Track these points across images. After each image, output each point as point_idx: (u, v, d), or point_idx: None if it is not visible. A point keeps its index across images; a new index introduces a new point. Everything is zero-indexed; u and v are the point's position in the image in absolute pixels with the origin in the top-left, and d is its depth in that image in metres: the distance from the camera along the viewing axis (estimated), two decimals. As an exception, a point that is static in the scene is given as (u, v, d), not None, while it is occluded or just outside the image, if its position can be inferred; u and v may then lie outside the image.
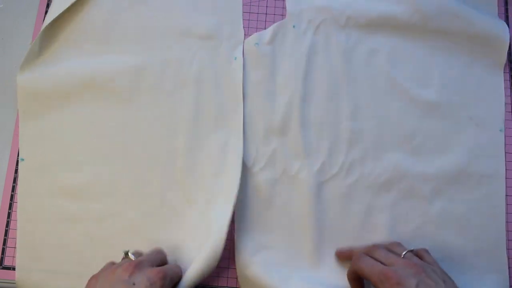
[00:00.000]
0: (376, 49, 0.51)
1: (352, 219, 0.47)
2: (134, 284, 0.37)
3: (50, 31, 0.51)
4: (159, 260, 0.43)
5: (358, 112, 0.50)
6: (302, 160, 0.48)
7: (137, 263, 0.39)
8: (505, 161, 0.49)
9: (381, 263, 0.41)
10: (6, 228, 0.48)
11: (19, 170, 0.49)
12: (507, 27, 0.52)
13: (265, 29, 0.54)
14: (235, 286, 0.46)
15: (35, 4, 0.54)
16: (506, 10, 0.55)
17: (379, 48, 0.51)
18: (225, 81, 0.50)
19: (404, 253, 0.42)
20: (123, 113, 0.50)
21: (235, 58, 0.51)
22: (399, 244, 0.44)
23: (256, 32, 0.53)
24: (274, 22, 0.54)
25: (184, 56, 0.51)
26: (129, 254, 0.42)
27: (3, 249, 0.47)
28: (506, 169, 0.49)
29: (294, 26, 0.52)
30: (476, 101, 0.51)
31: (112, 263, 0.42)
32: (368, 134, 0.49)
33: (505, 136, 0.50)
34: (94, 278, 0.39)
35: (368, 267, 0.40)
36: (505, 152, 0.49)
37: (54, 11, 0.51)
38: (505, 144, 0.50)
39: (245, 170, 0.48)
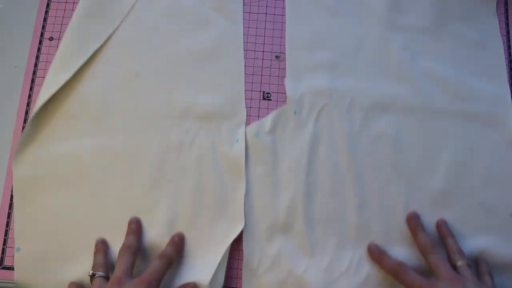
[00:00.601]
0: (380, 134, 0.49)
1: None
2: None
3: (44, 107, 0.49)
4: (133, 259, 0.43)
5: (364, 205, 0.47)
6: (309, 259, 0.46)
7: (118, 279, 0.40)
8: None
9: (430, 266, 0.42)
10: (6, 228, 0.48)
11: (15, 261, 0.46)
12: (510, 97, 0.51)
13: (264, 29, 0.54)
14: (235, 286, 0.46)
15: (35, 4, 0.54)
16: (506, 11, 0.55)
17: (384, 133, 0.49)
18: (226, 166, 0.48)
19: (460, 264, 0.42)
20: (120, 200, 0.47)
21: (237, 140, 0.49)
22: (461, 252, 0.43)
23: (256, 31, 0.54)
24: (273, 22, 0.54)
25: (183, 139, 0.49)
26: (96, 273, 0.42)
27: (3, 249, 0.47)
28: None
29: (295, 112, 0.49)
30: (486, 185, 0.48)
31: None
32: (375, 229, 0.47)
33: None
34: None
35: (410, 279, 0.41)
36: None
37: (46, 91, 0.48)
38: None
39: (250, 272, 0.45)
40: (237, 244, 0.47)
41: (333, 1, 0.54)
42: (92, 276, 0.42)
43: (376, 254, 0.45)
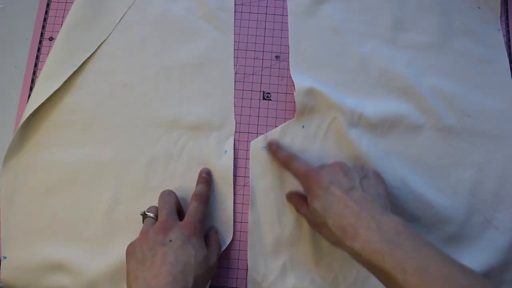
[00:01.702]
0: (388, 151, 0.49)
1: None
2: (171, 241, 0.40)
3: (32, 116, 0.49)
4: (175, 206, 0.43)
5: None
6: (314, 272, 0.46)
7: (164, 223, 0.41)
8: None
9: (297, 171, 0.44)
10: None
11: (1, 269, 0.46)
12: None
13: (264, 29, 0.54)
14: (235, 286, 0.46)
15: (35, 4, 0.54)
16: (506, 11, 0.56)
17: (392, 150, 0.49)
18: (214, 177, 0.48)
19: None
20: (107, 209, 0.47)
21: (225, 152, 0.49)
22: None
23: (256, 31, 0.54)
24: (273, 22, 0.54)
25: (172, 149, 0.49)
26: (147, 213, 0.43)
27: (3, 250, 0.47)
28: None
29: (303, 127, 0.49)
30: (495, 202, 0.48)
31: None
32: None
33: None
34: (131, 246, 0.41)
35: (297, 166, 0.43)
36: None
37: (35, 100, 0.48)
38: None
39: (255, 285, 0.45)
40: (236, 244, 0.47)
41: (337, 20, 0.54)
42: (144, 215, 0.43)
43: (274, 148, 0.47)
